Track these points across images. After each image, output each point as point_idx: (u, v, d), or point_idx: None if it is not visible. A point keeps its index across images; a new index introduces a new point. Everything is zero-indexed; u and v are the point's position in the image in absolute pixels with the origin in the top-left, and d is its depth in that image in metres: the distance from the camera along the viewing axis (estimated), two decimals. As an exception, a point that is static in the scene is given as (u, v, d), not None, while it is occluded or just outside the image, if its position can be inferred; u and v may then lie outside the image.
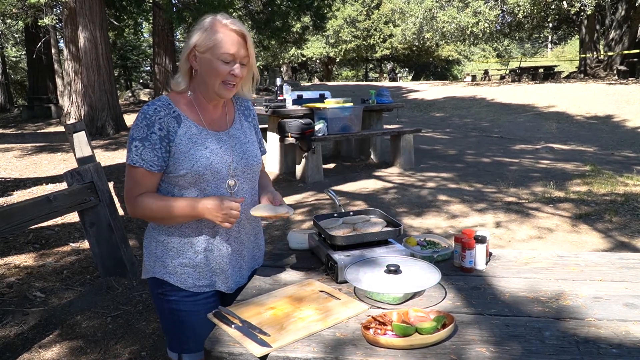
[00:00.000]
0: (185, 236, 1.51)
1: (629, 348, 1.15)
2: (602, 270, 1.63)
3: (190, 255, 1.51)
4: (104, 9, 9.69)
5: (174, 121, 1.45)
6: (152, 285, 1.57)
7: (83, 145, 3.61)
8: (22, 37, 20.55)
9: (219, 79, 1.44)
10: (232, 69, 1.43)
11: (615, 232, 4.10)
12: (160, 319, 1.62)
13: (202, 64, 1.44)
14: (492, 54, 34.92)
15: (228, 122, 1.58)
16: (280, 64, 30.92)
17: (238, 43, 1.43)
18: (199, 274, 1.53)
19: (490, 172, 6.44)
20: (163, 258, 1.52)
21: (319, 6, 13.24)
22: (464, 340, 1.19)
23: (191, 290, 1.52)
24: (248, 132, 1.62)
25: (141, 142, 1.42)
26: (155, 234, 1.54)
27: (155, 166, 1.44)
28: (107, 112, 9.58)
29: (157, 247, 1.54)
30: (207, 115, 1.52)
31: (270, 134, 6.46)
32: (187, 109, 1.49)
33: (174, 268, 1.52)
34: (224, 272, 1.55)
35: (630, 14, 17.73)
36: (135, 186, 1.46)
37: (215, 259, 1.54)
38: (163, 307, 1.56)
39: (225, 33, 1.42)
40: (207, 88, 1.47)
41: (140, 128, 1.43)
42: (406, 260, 1.54)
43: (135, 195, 1.46)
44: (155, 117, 1.43)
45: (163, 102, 1.46)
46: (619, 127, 11.15)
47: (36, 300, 3.21)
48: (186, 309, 1.53)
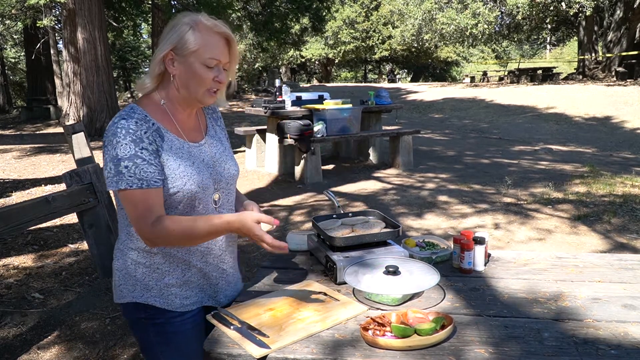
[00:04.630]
0: (171, 255, 1.38)
1: (628, 349, 1.16)
2: (601, 272, 1.63)
3: (177, 274, 1.39)
4: (103, 10, 9.69)
5: (157, 135, 1.31)
6: (129, 310, 1.41)
7: (82, 146, 3.61)
8: (21, 38, 20.52)
9: (204, 85, 1.31)
10: (216, 75, 1.32)
11: (613, 233, 4.11)
12: (142, 345, 1.46)
13: (183, 68, 1.31)
14: (490, 56, 34.95)
15: (203, 130, 1.46)
16: (279, 65, 30.88)
17: (223, 47, 1.32)
18: (186, 293, 1.41)
19: (489, 173, 6.45)
20: (145, 281, 1.38)
21: (317, 7, 13.26)
22: (463, 342, 1.19)
23: (178, 310, 1.40)
24: (223, 139, 1.53)
25: (132, 161, 1.25)
26: (134, 256, 1.38)
27: (160, 181, 1.29)
28: (106, 113, 9.57)
29: (136, 269, 1.38)
30: (183, 125, 1.39)
31: (269, 135, 6.46)
32: (164, 120, 1.35)
33: (159, 290, 1.38)
34: (213, 286, 1.47)
35: (628, 16, 17.77)
36: (142, 212, 1.27)
37: (203, 275, 1.44)
38: (147, 331, 1.42)
39: (212, 35, 1.30)
40: (188, 95, 1.34)
41: (125, 145, 1.24)
42: (405, 261, 1.54)
43: (150, 222, 1.26)
44: (139, 131, 1.27)
45: (140, 115, 1.30)
46: (617, 129, 11.16)
47: (35, 301, 3.20)
48: (173, 329, 1.41)
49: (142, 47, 26.34)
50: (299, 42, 17.56)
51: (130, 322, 1.45)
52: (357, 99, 7.51)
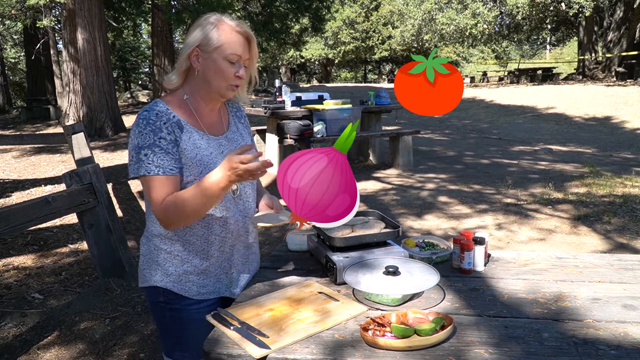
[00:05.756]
0: (189, 243, 1.47)
1: (628, 349, 1.15)
2: (601, 272, 1.63)
3: (195, 262, 1.48)
4: (103, 10, 9.69)
5: (176, 126, 1.40)
6: (151, 294, 1.51)
7: (82, 147, 3.62)
8: (21, 39, 20.54)
9: (226, 80, 1.41)
10: (237, 71, 1.41)
11: (614, 234, 4.11)
12: (160, 327, 1.56)
13: (207, 63, 1.40)
14: (490, 56, 34.97)
15: (224, 126, 1.55)
16: (279, 66, 30.94)
17: (244, 45, 1.42)
18: (203, 282, 1.50)
19: (489, 174, 6.45)
20: (166, 266, 1.47)
21: (317, 8, 13.26)
22: (463, 342, 1.19)
23: (195, 298, 1.49)
24: (245, 134, 1.61)
25: (150, 149, 1.34)
26: (157, 242, 1.48)
27: (176, 169, 1.37)
28: (106, 114, 9.57)
29: (158, 254, 1.48)
30: (204, 120, 1.48)
31: (269, 135, 6.46)
32: (185, 114, 1.44)
33: (178, 276, 1.47)
34: (230, 277, 1.54)
35: (628, 16, 17.78)
36: (157, 194, 1.35)
37: (220, 265, 1.52)
38: (164, 315, 1.51)
39: (233, 34, 1.40)
40: (210, 89, 1.43)
41: (145, 134, 1.35)
42: (405, 261, 1.54)
43: (160, 202, 1.36)
44: (159, 122, 1.37)
45: (162, 108, 1.40)
46: (617, 129, 11.17)
47: (35, 301, 3.20)
48: (189, 317, 1.49)
49: (142, 47, 26.35)
50: (298, 42, 17.58)
51: (151, 306, 1.56)
52: (357, 99, 7.51)
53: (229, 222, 1.49)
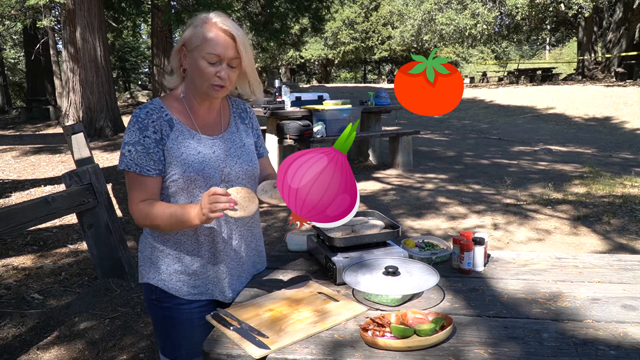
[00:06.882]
0: (181, 243, 1.47)
1: (627, 349, 1.16)
2: (600, 272, 1.63)
3: (187, 262, 1.47)
4: (103, 11, 9.69)
5: (167, 125, 1.41)
6: (146, 290, 1.53)
7: (81, 147, 3.61)
8: (20, 39, 20.52)
9: (206, 80, 1.38)
10: (218, 71, 1.37)
11: (613, 234, 4.11)
12: (153, 324, 1.58)
13: (190, 62, 1.40)
14: (490, 56, 34.97)
15: (223, 125, 1.52)
16: (278, 66, 30.92)
17: (226, 43, 1.36)
18: (194, 282, 1.49)
19: (489, 174, 6.45)
20: (158, 264, 1.48)
21: (317, 8, 13.26)
22: (463, 342, 1.19)
23: (186, 298, 1.48)
24: (244, 136, 1.56)
25: (134, 147, 1.38)
26: (151, 240, 1.50)
27: (153, 170, 1.39)
28: (106, 114, 9.56)
29: (152, 253, 1.50)
30: (199, 119, 1.47)
31: (269, 135, 6.46)
32: (180, 112, 1.44)
33: (169, 275, 1.48)
34: (221, 281, 1.51)
35: (627, 16, 17.79)
36: (134, 192, 1.40)
37: (213, 268, 1.49)
38: (156, 313, 1.52)
39: (214, 32, 1.36)
40: (196, 88, 1.42)
41: (132, 132, 1.38)
42: (405, 262, 1.54)
43: (137, 202, 1.40)
44: (147, 120, 1.39)
45: (155, 106, 1.42)
46: (617, 129, 11.17)
47: (34, 302, 3.20)
48: (180, 316, 1.49)
49: (142, 47, 26.36)
50: (298, 42, 17.58)
51: (146, 303, 1.57)
52: (356, 100, 7.51)
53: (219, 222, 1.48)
